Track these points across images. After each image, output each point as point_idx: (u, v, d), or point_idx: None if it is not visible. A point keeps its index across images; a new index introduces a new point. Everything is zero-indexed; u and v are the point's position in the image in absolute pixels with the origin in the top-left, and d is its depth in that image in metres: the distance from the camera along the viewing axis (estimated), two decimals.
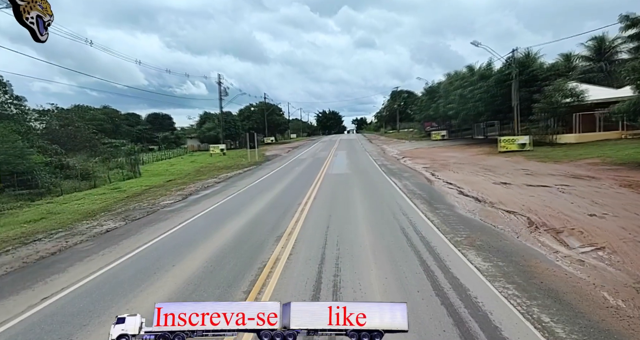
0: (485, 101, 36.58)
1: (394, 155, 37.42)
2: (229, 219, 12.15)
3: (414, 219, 11.23)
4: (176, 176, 28.40)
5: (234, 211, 13.54)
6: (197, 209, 14.45)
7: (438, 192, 15.75)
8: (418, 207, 12.81)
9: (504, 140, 30.14)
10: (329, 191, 16.67)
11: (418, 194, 15.28)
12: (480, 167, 23.18)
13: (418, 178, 20.71)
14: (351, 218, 11.46)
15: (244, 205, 14.60)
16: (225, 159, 44.91)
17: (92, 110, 55.80)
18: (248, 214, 12.81)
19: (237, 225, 11.32)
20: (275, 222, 11.37)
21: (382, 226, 10.49)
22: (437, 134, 54.41)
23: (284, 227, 10.78)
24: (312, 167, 28.72)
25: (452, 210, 12.33)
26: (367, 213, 12.14)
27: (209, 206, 14.72)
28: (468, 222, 10.80)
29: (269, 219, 11.91)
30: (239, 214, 13.06)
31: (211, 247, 9.30)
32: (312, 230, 10.31)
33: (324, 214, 12.05)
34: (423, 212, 12.15)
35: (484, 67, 41.89)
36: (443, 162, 27.63)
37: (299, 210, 12.81)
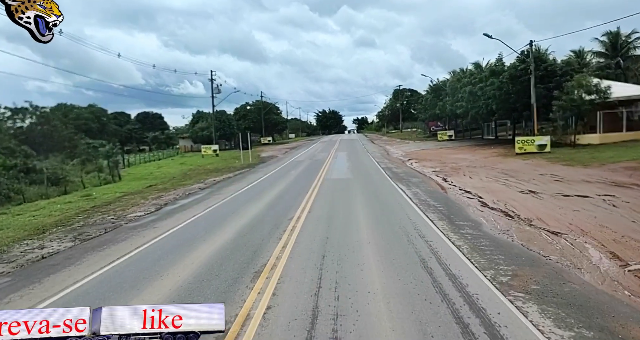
0: (498, 99, 33.96)
1: (398, 157, 34.82)
2: (199, 243, 9.56)
3: (435, 243, 8.65)
4: (159, 181, 25.83)
5: (209, 229, 10.96)
6: (166, 224, 11.87)
7: (456, 203, 13.17)
8: (436, 225, 10.24)
9: (521, 141, 27.54)
10: (326, 202, 14.09)
11: (432, 206, 12.69)
12: (499, 172, 20.58)
13: (429, 184, 18.13)
14: (354, 243, 8.87)
15: (223, 220, 12.01)
16: (217, 160, 42.35)
17: (77, 108, 53.26)
18: (225, 235, 10.23)
19: (207, 253, 8.74)
20: (257, 248, 8.79)
21: (396, 257, 7.90)
22: (443, 134, 51.82)
23: (266, 256, 8.20)
24: (309, 170, 26.13)
25: (479, 230, 9.75)
26: (374, 235, 9.55)
27: (181, 222, 12.13)
28: (506, 250, 8.22)
29: (249, 242, 9.32)
30: (214, 233, 10.48)
31: (160, 292, 6.72)
32: (302, 263, 7.73)
33: (318, 237, 9.47)
34: (443, 231, 9.58)
35: (493, 63, 39.32)
36: (454, 166, 25.03)
37: (289, 229, 10.23)
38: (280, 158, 40.45)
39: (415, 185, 17.62)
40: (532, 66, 27.46)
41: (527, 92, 32.17)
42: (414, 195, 14.83)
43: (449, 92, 49.14)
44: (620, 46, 46.32)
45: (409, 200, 13.76)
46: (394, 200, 13.91)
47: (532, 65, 27.49)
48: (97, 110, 57.32)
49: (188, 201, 16.19)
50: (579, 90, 27.15)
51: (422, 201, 13.61)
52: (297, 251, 8.40)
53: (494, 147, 35.01)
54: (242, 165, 33.62)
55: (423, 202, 13.49)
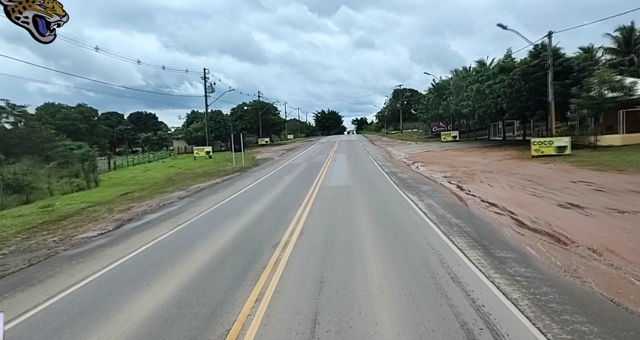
0: (508, 97, 31.43)
1: (402, 160, 32.23)
2: (140, 292, 6.90)
3: (478, 294, 6.01)
4: (139, 187, 23.22)
5: (163, 264, 8.34)
6: (113, 253, 9.25)
7: (484, 222, 10.58)
8: (469, 258, 7.64)
9: (537, 142, 24.97)
10: (323, 220, 11.48)
11: (456, 226, 10.10)
12: (521, 178, 18.01)
13: (442, 193, 15.56)
14: (360, 294, 6.25)
15: (188, 248, 9.39)
16: (209, 163, 39.73)
17: (65, 108, 50.55)
18: (180, 275, 7.56)
19: (144, 312, 6.07)
20: (218, 303, 6.15)
21: (424, 322, 5.29)
22: (447, 135, 49.27)
23: (226, 321, 5.58)
24: (305, 176, 23.53)
25: (532, 267, 7.12)
26: (387, 277, 6.91)
27: (134, 249, 9.50)
28: (590, 307, 5.56)
29: (209, 291, 6.68)
30: (165, 273, 7.84)
31: None
32: (284, 330, 5.13)
33: (310, 280, 6.85)
34: (483, 270, 6.96)
35: (501, 59, 36.80)
36: (466, 170, 22.45)
37: (270, 265, 7.62)
38: (275, 161, 37.85)
39: (427, 195, 15.03)
40: (550, 60, 24.90)
41: (540, 89, 29.67)
42: (428, 209, 12.24)
43: (454, 91, 46.68)
44: (634, 42, 43.87)
45: (425, 217, 11.16)
46: (406, 217, 11.30)
47: (551, 59, 24.92)
48: (86, 110, 54.66)
49: (157, 216, 13.54)
50: (601, 87, 24.62)
51: (440, 218, 11.01)
52: (275, 310, 5.78)
53: (504, 149, 32.46)
54: (233, 169, 31.02)
55: (442, 219, 10.90)
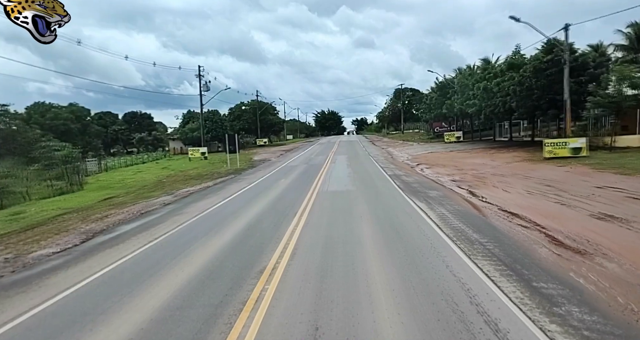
0: (518, 95, 29.84)
1: (405, 162, 30.66)
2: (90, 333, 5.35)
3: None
4: (125, 191, 21.66)
5: (121, 296, 6.76)
6: (62, 281, 7.66)
7: (509, 238, 8.99)
8: (504, 291, 6.03)
9: (550, 143, 23.39)
10: (319, 235, 9.89)
11: (478, 244, 8.52)
12: (537, 182, 16.43)
13: (454, 200, 13.98)
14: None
15: (157, 272, 7.81)
16: (203, 165, 38.18)
17: (55, 108, 48.96)
18: (138, 313, 6.00)
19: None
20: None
21: None
22: (450, 135, 47.68)
23: None
24: (302, 179, 21.96)
25: (594, 310, 5.41)
26: (404, 325, 5.32)
27: (94, 272, 7.92)
28: None
29: (184, 327, 5.12)
30: (119, 312, 6.26)
31: None
32: None
33: (302, 326, 5.27)
34: (530, 315, 5.30)
35: (510, 56, 35.21)
36: (475, 173, 20.88)
37: (251, 303, 6.04)
38: (272, 162, 36.27)
39: (437, 202, 13.45)
40: (566, 55, 23.29)
41: (553, 87, 28.11)
42: (441, 220, 10.66)
43: (458, 90, 45.10)
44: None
45: (439, 231, 9.57)
46: (416, 231, 9.71)
47: (567, 53, 23.31)
48: (77, 109, 53.10)
49: (133, 227, 11.95)
50: (620, 83, 23.05)
51: (457, 232, 9.43)
52: None
53: (513, 150, 30.88)
54: (227, 171, 29.45)
55: (460, 234, 9.31)
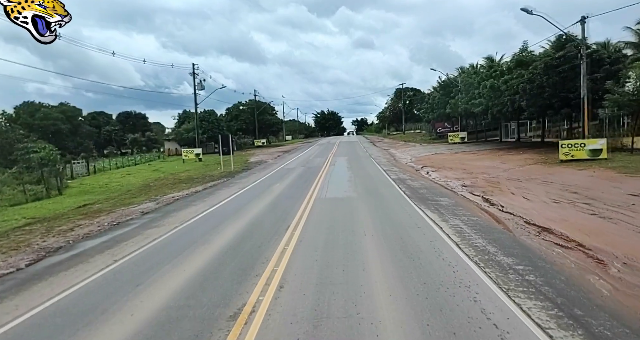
0: (528, 93, 28.15)
1: (409, 164, 28.98)
2: None
3: None
4: (106, 196, 19.97)
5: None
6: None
7: (550, 263, 7.29)
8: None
9: (566, 144, 21.70)
10: (314, 257, 8.19)
11: (512, 271, 6.83)
12: (560, 189, 14.74)
13: (469, 209, 12.32)
14: None
15: (103, 313, 6.12)
16: (197, 167, 36.49)
17: (45, 108, 47.24)
18: None
19: None
20: None
21: None
22: (454, 136, 45.98)
23: None
24: (299, 183, 20.27)
25: None
26: None
27: (18, 315, 6.24)
28: None
29: None
30: None
31: None
32: None
33: None
34: None
35: (517, 53, 33.48)
36: (487, 177, 19.21)
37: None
38: (269, 164, 34.57)
39: (450, 213, 11.77)
40: (583, 50, 21.58)
41: (566, 84, 26.43)
42: (459, 237, 8.98)
43: (463, 89, 43.45)
44: None
45: (461, 254, 7.86)
46: (432, 253, 7.99)
47: (584, 48, 21.61)
48: (68, 109, 51.37)
49: (98, 243, 10.22)
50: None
51: (483, 255, 7.73)
52: None
53: (523, 152, 29.18)
54: (220, 174, 27.76)
55: (486, 256, 7.61)
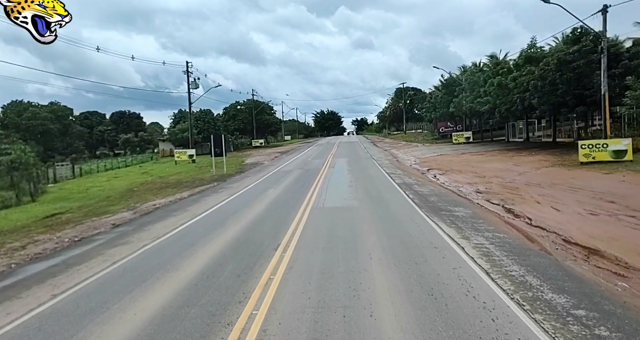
0: (540, 91, 26.40)
1: (413, 166, 27.18)
2: None
3: None
4: (82, 203, 18.17)
5: None
6: None
7: (621, 306, 5.49)
8: None
9: (587, 145, 19.93)
10: (309, 290, 6.39)
11: (570, 317, 5.03)
12: (592, 197, 12.95)
13: (490, 222, 10.55)
14: None
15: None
16: (189, 169, 34.68)
17: (34, 107, 45.38)
18: None
19: None
20: None
21: None
22: (459, 136, 44.19)
23: None
24: (295, 188, 18.48)
25: None
26: None
27: None
28: None
29: None
30: None
31: None
32: None
33: None
34: None
35: (525, 49, 31.70)
36: (502, 181, 17.42)
37: None
38: (265, 166, 32.76)
39: (470, 227, 9.99)
40: (604, 42, 19.78)
41: (581, 81, 24.69)
42: (489, 263, 7.19)
43: (467, 87, 41.66)
44: None
45: (497, 289, 6.03)
46: (459, 288, 6.16)
47: (605, 40, 19.81)
48: (58, 108, 49.48)
49: (43, 268, 8.36)
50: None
51: (525, 290, 5.92)
52: None
53: (535, 153, 27.38)
54: (212, 178, 25.95)
55: (532, 295, 5.80)
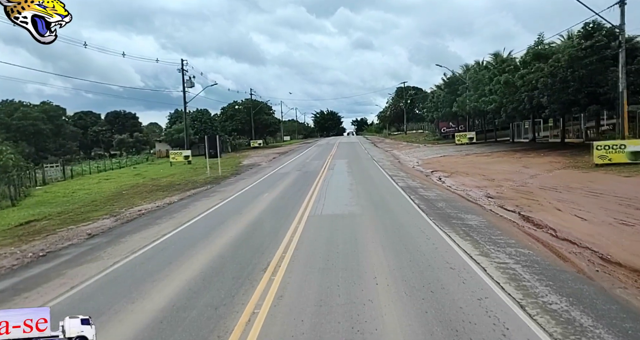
0: (550, 88, 25.17)
1: (416, 168, 25.95)
2: None
3: None
4: (63, 209, 16.92)
5: None
6: None
7: None
8: None
9: (602, 146, 18.68)
10: (301, 332, 5.13)
11: None
12: (617, 203, 11.69)
13: (509, 234, 9.32)
14: None
15: None
16: (183, 171, 33.45)
17: (26, 107, 44.09)
18: None
19: None
20: None
21: None
22: (462, 137, 42.94)
23: None
24: (292, 192, 17.22)
25: None
26: None
27: None
28: None
29: None
30: None
31: None
32: None
33: None
34: None
35: (531, 46, 30.41)
36: (514, 185, 16.19)
37: None
38: (262, 168, 31.52)
39: (487, 240, 8.75)
40: (623, 37, 18.52)
41: (594, 78, 23.46)
42: (521, 291, 5.93)
43: (471, 86, 40.43)
44: None
45: (540, 332, 4.77)
46: (491, 329, 4.91)
47: (624, 34, 18.56)
48: (51, 108, 48.20)
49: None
50: None
51: (580, 337, 4.67)
52: None
53: (544, 154, 26.13)
54: (205, 180, 24.72)
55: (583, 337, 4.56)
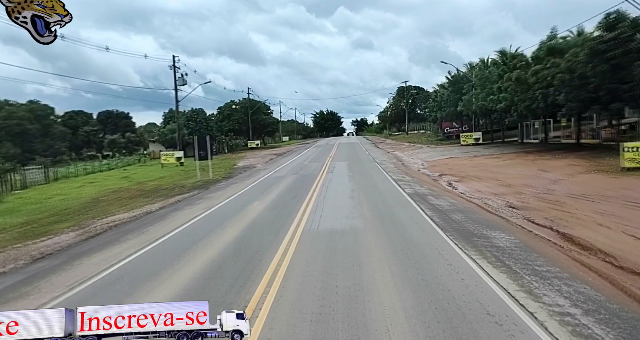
0: (568, 85, 23.24)
1: (422, 171, 24.00)
2: None
3: None
4: (26, 219, 15.03)
5: None
6: None
7: None
8: None
9: (631, 148, 16.78)
10: None
11: None
12: None
13: (556, 262, 7.48)
14: None
15: None
16: (174, 173, 31.57)
17: (11, 105, 42.18)
18: None
19: None
20: None
21: None
22: (468, 137, 40.99)
23: None
24: (286, 199, 15.29)
25: None
26: None
27: None
28: None
29: None
30: None
31: None
32: None
33: None
34: None
35: (544, 41, 28.48)
36: (536, 192, 14.27)
37: None
38: (257, 170, 29.59)
39: (527, 269, 6.90)
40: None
41: (617, 73, 21.55)
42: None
43: (477, 84, 38.51)
44: None
45: None
46: None
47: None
48: (38, 107, 46.35)
49: None
50: None
51: None
52: None
53: (561, 156, 24.17)
54: (194, 184, 22.86)
55: None
